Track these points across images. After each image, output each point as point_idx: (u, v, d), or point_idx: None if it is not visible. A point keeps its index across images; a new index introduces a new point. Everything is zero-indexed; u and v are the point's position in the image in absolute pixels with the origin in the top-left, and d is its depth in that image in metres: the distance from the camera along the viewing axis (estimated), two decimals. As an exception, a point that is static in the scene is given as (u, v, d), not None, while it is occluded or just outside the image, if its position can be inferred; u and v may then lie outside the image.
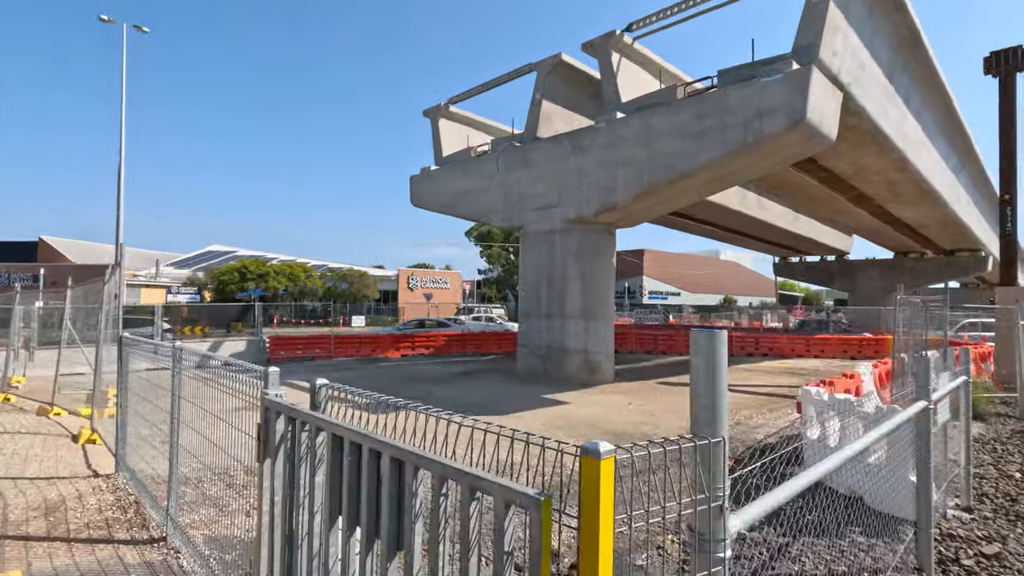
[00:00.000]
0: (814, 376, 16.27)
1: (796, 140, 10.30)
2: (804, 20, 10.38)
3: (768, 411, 10.57)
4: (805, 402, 6.76)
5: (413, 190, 18.58)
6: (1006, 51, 14.10)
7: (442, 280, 59.33)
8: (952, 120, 18.98)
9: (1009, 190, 13.91)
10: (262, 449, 2.73)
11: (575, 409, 10.61)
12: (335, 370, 16.50)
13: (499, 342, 23.23)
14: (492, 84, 17.25)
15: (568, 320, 13.77)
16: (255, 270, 44.81)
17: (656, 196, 12.32)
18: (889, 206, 23.01)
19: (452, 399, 11.47)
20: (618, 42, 13.78)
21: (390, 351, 20.84)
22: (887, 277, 36.85)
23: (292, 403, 2.68)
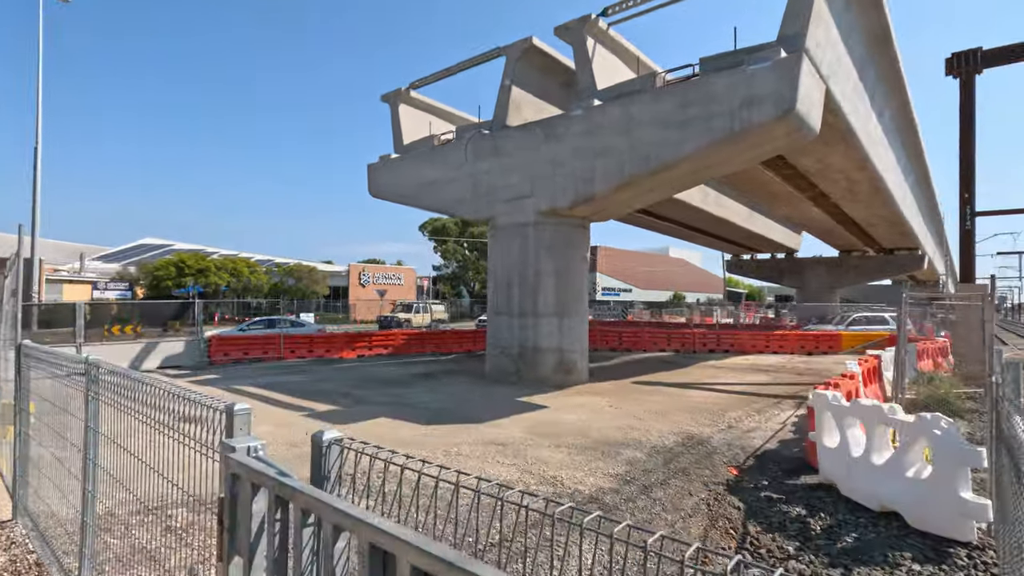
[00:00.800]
0: (783, 373, 16.28)
1: (784, 131, 9.95)
2: (790, 7, 10.04)
3: (755, 412, 10.21)
4: (819, 408, 6.29)
5: (372, 179, 17.39)
6: (966, 53, 14.40)
7: (395, 276, 57.64)
8: (907, 121, 19.48)
9: (969, 189, 14.21)
10: (224, 542, 1.75)
11: (555, 414, 9.91)
12: (287, 373, 15.18)
13: (459, 341, 22.33)
14: (457, 68, 16.30)
15: (541, 318, 13.07)
16: (194, 265, 41.91)
17: (637, 187, 11.77)
18: (844, 204, 23.57)
19: (425, 404, 10.54)
20: (593, 26, 13.15)
21: (345, 351, 19.56)
22: (833, 274, 38.28)
23: (280, 471, 1.64)
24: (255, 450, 1.70)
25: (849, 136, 14.19)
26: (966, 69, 14.32)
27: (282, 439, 7.92)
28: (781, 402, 11.38)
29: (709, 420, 9.41)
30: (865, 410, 5.49)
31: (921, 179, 27.49)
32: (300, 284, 46.82)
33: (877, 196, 21.65)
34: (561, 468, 6.69)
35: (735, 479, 6.52)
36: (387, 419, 9.28)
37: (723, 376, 15.42)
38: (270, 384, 13.18)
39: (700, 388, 13.22)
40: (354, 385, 13.07)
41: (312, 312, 45.61)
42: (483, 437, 8.07)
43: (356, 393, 11.93)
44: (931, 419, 4.65)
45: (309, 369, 16.17)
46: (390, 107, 17.85)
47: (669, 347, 22.97)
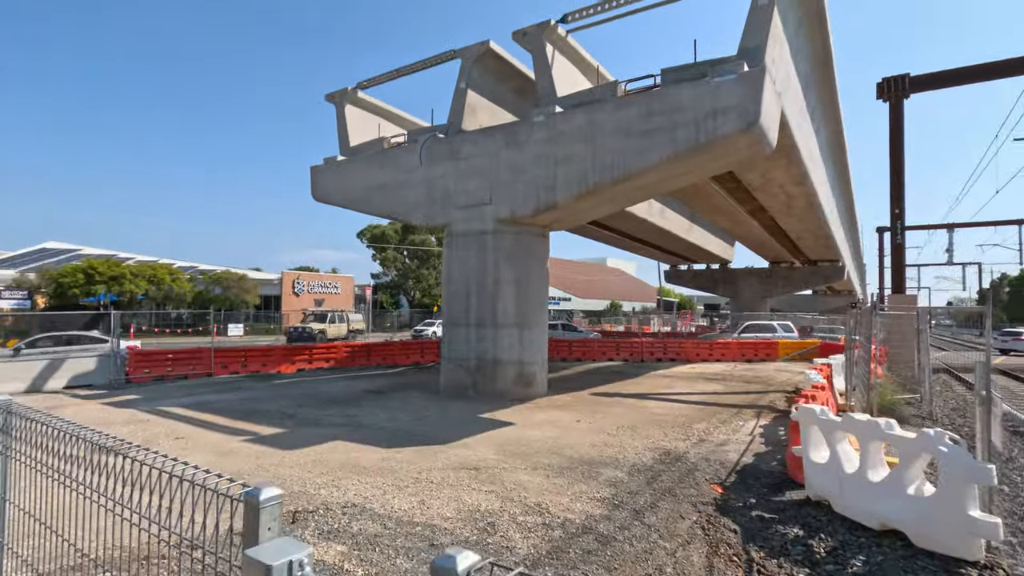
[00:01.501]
0: (732, 381, 16.61)
1: (746, 143, 10.06)
2: (750, 23, 10.21)
3: (720, 423, 10.18)
4: (804, 422, 6.18)
5: (316, 182, 16.35)
6: (895, 78, 15.36)
7: (332, 284, 55.36)
8: (838, 141, 20.65)
9: (899, 205, 15.09)
10: None
11: (522, 431, 9.45)
12: (219, 391, 13.85)
13: (406, 353, 21.46)
14: (408, 70, 15.65)
15: (501, 329, 12.60)
16: (106, 271, 38.33)
17: (600, 196, 11.59)
18: (780, 218, 24.69)
19: (382, 425, 9.76)
20: (552, 33, 12.95)
21: (284, 365, 18.25)
22: (764, 284, 40.21)
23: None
24: (300, 566, 1.08)
25: (793, 152, 14.72)
26: (895, 93, 15.28)
27: (225, 470, 6.96)
28: (741, 412, 11.46)
29: (679, 434, 9.25)
30: (859, 425, 5.40)
31: (844, 195, 29.37)
32: (228, 293, 43.92)
33: (810, 211, 22.81)
34: (543, 493, 6.22)
35: (721, 498, 6.31)
36: (343, 443, 8.47)
37: (676, 386, 15.52)
38: (201, 404, 11.91)
39: (658, 399, 13.17)
40: (298, 404, 12.04)
41: (241, 323, 42.91)
42: (453, 460, 7.48)
43: (302, 413, 10.96)
44: (935, 435, 4.56)
45: (244, 386, 14.87)
46: (335, 107, 16.91)
47: (618, 356, 23.10)
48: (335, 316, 35.00)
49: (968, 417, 11.52)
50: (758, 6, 10.21)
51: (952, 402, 13.56)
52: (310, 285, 52.93)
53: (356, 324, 37.73)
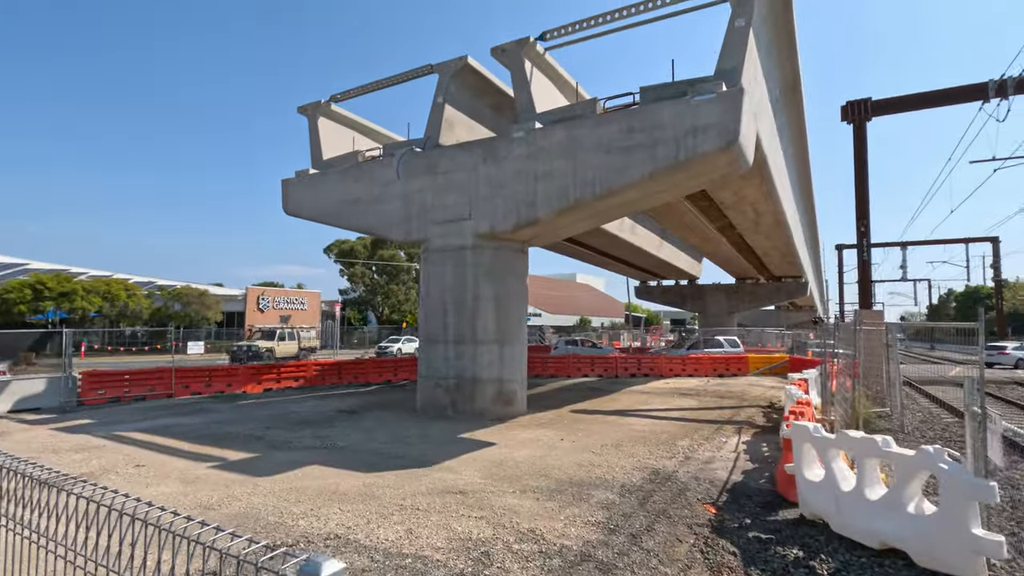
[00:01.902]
0: (707, 396, 16.72)
1: (725, 161, 10.21)
2: (727, 44, 10.42)
3: (703, 440, 10.15)
4: (797, 439, 6.15)
5: (288, 196, 15.88)
6: (858, 102, 15.97)
7: (298, 300, 54.02)
8: (803, 161, 21.35)
9: (864, 222, 15.58)
10: None
11: (506, 451, 9.20)
12: (182, 413, 13.13)
13: (379, 371, 20.91)
14: (385, 83, 15.45)
15: (481, 346, 12.35)
16: (56, 287, 36.43)
17: (581, 212, 11.56)
18: (748, 235, 25.29)
19: (359, 448, 9.35)
20: (531, 50, 12.98)
21: (250, 385, 17.51)
22: (731, 300, 41.08)
23: None
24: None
25: (764, 171, 15.08)
26: (858, 117, 15.88)
27: (193, 501, 6.52)
28: (721, 428, 11.48)
29: (665, 451, 9.16)
30: (854, 442, 5.38)
31: (807, 213, 30.34)
32: (188, 309, 42.29)
33: (777, 228, 23.44)
34: (536, 518, 5.99)
35: (716, 518, 6.19)
36: (319, 467, 8.06)
37: (654, 402, 15.51)
38: (162, 428, 11.24)
39: (638, 415, 13.10)
40: (267, 425, 11.49)
41: (202, 340, 41.29)
42: (438, 485, 7.17)
43: (272, 436, 10.43)
44: (935, 452, 4.56)
45: (208, 408, 14.15)
46: (308, 120, 16.54)
47: (593, 372, 23.07)
48: (285, 333, 32.81)
49: (937, 429, 11.82)
50: (735, 28, 10.45)
51: (919, 415, 13.92)
52: (275, 301, 51.51)
53: (309, 341, 35.40)
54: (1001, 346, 34.35)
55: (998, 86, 14.48)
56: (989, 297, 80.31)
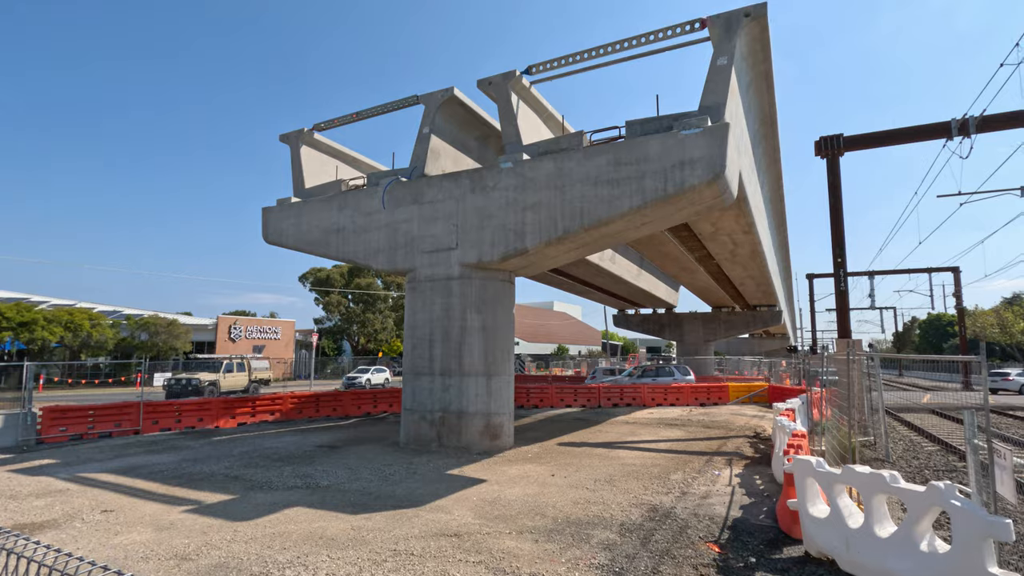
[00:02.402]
0: (693, 427, 16.65)
1: (711, 194, 10.37)
2: (710, 80, 10.72)
3: (696, 473, 10.02)
4: (800, 474, 6.07)
5: (269, 224, 15.57)
6: (830, 137, 16.57)
7: (271, 329, 52.75)
8: (778, 194, 21.96)
9: (840, 254, 15.98)
10: None
11: (497, 488, 8.91)
12: (152, 451, 12.46)
13: (357, 403, 20.35)
14: (370, 113, 15.45)
15: (467, 378, 12.11)
16: (14, 316, 34.86)
17: (570, 242, 11.56)
18: (725, 265, 25.73)
19: (344, 487, 8.94)
20: (517, 83, 13.16)
21: (224, 419, 16.80)
22: (708, 328, 41.56)
23: None
24: None
25: (743, 204, 15.42)
26: (831, 151, 16.45)
27: (167, 550, 6.07)
28: (711, 460, 11.38)
29: (660, 486, 8.99)
30: (860, 477, 5.32)
31: (781, 243, 31.12)
32: (156, 339, 40.84)
33: (754, 258, 23.92)
34: (537, 562, 5.74)
35: (720, 557, 6.03)
36: (303, 509, 7.65)
37: (641, 433, 15.37)
38: (131, 468, 10.62)
39: (627, 448, 12.93)
40: (244, 464, 10.96)
41: (170, 372, 39.81)
42: (431, 527, 6.86)
43: (251, 475, 9.94)
44: (945, 488, 4.52)
45: (180, 445, 13.48)
46: (290, 148, 16.39)
47: (576, 403, 22.86)
48: (232, 364, 29.03)
49: (921, 458, 11.94)
50: (717, 66, 10.77)
51: (901, 443, 14.06)
52: (248, 330, 50.20)
53: (261, 373, 31.93)
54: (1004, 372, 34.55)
55: (960, 125, 15.20)
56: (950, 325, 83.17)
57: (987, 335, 64.73)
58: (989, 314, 69.42)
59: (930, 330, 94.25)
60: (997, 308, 70.57)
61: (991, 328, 64.94)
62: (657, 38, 11.75)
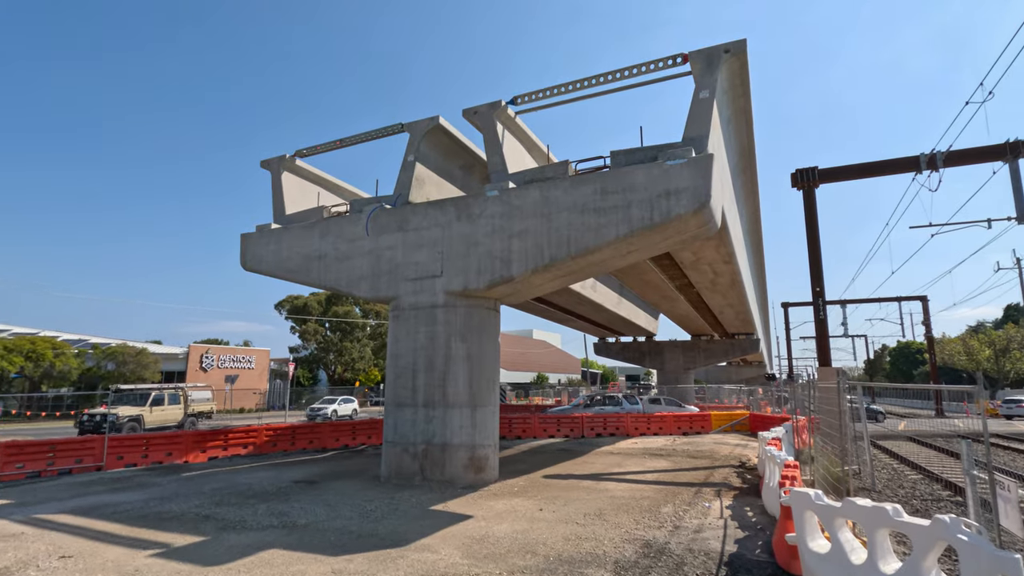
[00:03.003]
0: (678, 456, 16.49)
1: (696, 223, 10.47)
2: (693, 113, 10.93)
3: (686, 505, 9.82)
4: (798, 507, 5.95)
5: (248, 251, 15.22)
6: (806, 170, 17.03)
7: (245, 359, 51.37)
8: (756, 225, 22.41)
9: (819, 283, 16.25)
10: None
11: (484, 525, 8.58)
12: (116, 489, 11.78)
13: (336, 435, 19.73)
14: (355, 140, 15.39)
15: (452, 409, 11.81)
16: (-29, 346, 33.28)
17: (557, 270, 11.51)
18: (705, 293, 26.02)
19: (323, 525, 8.50)
20: (503, 113, 13.28)
21: (193, 453, 16.06)
22: (687, 356, 41.78)
23: None
24: None
25: (724, 234, 15.64)
26: (807, 183, 16.88)
27: (133, 601, 5.62)
28: (701, 491, 11.20)
29: (651, 520, 8.77)
30: (862, 511, 5.21)
31: (758, 273, 31.67)
32: (123, 369, 39.35)
33: (733, 287, 24.24)
34: (531, 605, 5.46)
35: (720, 596, 5.84)
36: (280, 552, 7.22)
37: (627, 464, 15.14)
38: (93, 508, 9.98)
39: (614, 479, 12.68)
40: (216, 502, 10.40)
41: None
42: (417, 568, 6.52)
43: (223, 514, 9.41)
44: (951, 522, 4.43)
45: (146, 481, 12.79)
46: (271, 174, 16.19)
47: (559, 433, 22.54)
48: (163, 395, 25.23)
49: (907, 487, 11.95)
50: (700, 99, 11.01)
51: (884, 471, 14.10)
52: (220, 359, 48.80)
53: (201, 405, 28.20)
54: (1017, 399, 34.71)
55: (929, 159, 15.78)
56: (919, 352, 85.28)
57: (955, 362, 66.52)
58: (956, 342, 71.45)
59: (900, 357, 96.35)
60: (963, 336, 72.72)
61: (958, 355, 66.78)
62: (640, 71, 12.01)
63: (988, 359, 62.18)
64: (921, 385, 6.52)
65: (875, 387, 47.18)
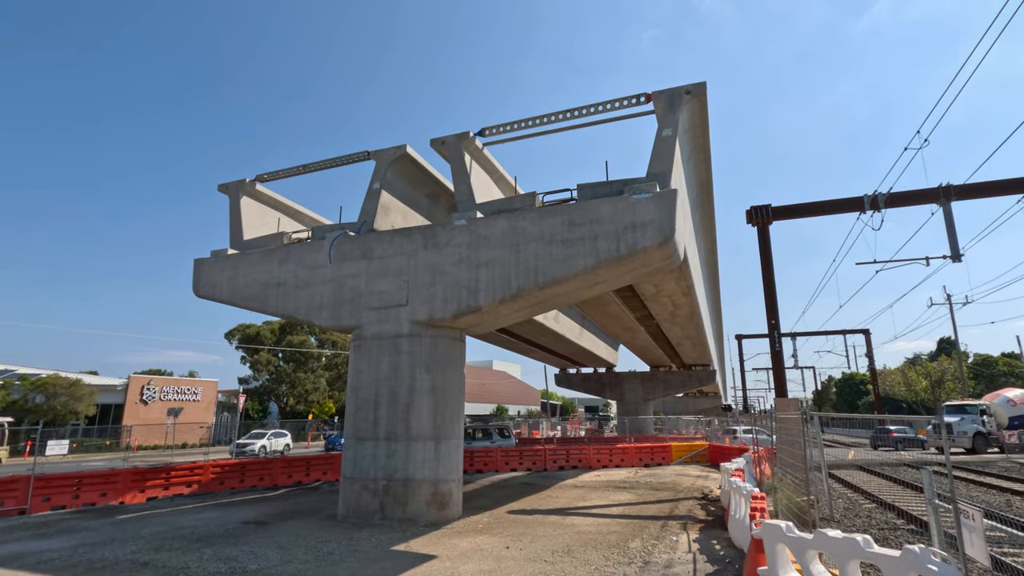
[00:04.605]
0: (641, 489, 16.42)
1: (661, 256, 10.68)
2: (657, 150, 11.29)
3: (654, 539, 9.71)
4: (769, 540, 5.95)
5: (201, 277, 14.58)
6: (760, 207, 17.80)
7: (190, 390, 48.79)
8: (712, 258, 23.14)
9: (774, 316, 16.81)
10: None
11: (451, 565, 8.22)
12: (41, 535, 10.75)
13: (288, 471, 18.77)
14: (318, 166, 15.16)
15: (415, 443, 11.42)
16: None
17: (524, 301, 11.47)
18: (664, 325, 26.50)
19: (275, 570, 7.92)
20: (471, 144, 13.39)
21: (132, 493, 14.93)
22: (646, 387, 42.23)
23: None
24: None
25: (685, 267, 16.06)
26: (761, 220, 17.63)
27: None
28: (667, 524, 11.13)
29: (620, 556, 8.61)
30: (834, 543, 5.25)
31: (714, 305, 32.59)
32: (54, 402, 36.65)
33: (692, 319, 24.79)
34: (504, 652, 5.19)
35: (695, 635, 5.71)
36: (229, 601, 6.68)
37: (591, 497, 14.96)
38: (13, 557, 9.05)
39: (580, 514, 12.48)
40: (155, 547, 9.62)
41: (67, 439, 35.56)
42: (380, 615, 6.13)
43: (163, 560, 8.69)
44: (921, 552, 4.50)
45: (76, 526, 11.75)
46: (229, 198, 15.70)
47: (521, 467, 22.16)
48: None
49: (863, 516, 12.21)
50: (663, 137, 11.40)
51: (840, 501, 14.40)
52: (163, 391, 46.18)
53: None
54: None
55: (872, 200, 16.77)
56: (863, 383, 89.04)
57: (895, 393, 69.69)
58: (896, 373, 75.04)
59: (845, 388, 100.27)
60: (902, 368, 76.49)
61: (898, 386, 70.06)
62: (605, 108, 12.38)
63: (925, 389, 65.47)
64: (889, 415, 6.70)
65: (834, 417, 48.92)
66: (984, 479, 17.89)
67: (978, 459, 25.40)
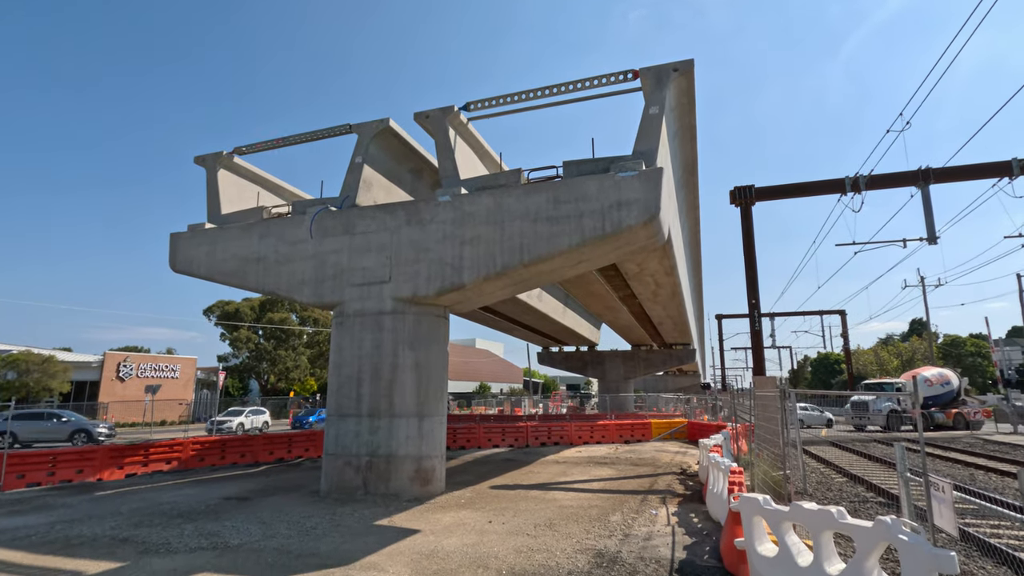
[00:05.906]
0: (622, 464, 16.72)
1: (646, 234, 10.69)
2: (643, 127, 11.21)
3: (634, 513, 9.91)
4: (747, 512, 6.09)
5: (178, 252, 14.23)
6: (743, 188, 17.88)
7: (169, 368, 48.13)
8: (695, 239, 23.28)
9: (754, 296, 17.03)
10: None
11: (433, 539, 8.30)
12: (17, 512, 10.60)
13: (270, 447, 18.71)
14: (299, 139, 14.79)
15: (398, 419, 11.43)
16: None
17: (508, 278, 11.43)
18: (647, 304, 26.73)
19: (258, 544, 7.93)
20: (455, 118, 13.15)
21: (110, 470, 14.76)
22: (628, 366, 42.76)
23: None
24: None
25: (668, 246, 16.13)
26: (744, 200, 17.73)
27: (37, 639, 5.00)
28: (647, 499, 11.36)
29: (601, 529, 8.77)
30: (809, 514, 5.38)
31: (696, 285, 32.92)
32: (27, 379, 35.90)
33: (674, 298, 25.02)
34: (486, 622, 5.27)
35: (673, 604, 5.86)
36: (210, 575, 6.67)
37: (572, 473, 15.19)
38: (-11, 534, 8.91)
39: (562, 489, 12.67)
40: (135, 523, 9.54)
41: (41, 415, 34.91)
42: (364, 588, 6.18)
43: (142, 536, 8.63)
44: (892, 523, 4.63)
45: (53, 502, 11.60)
46: (206, 171, 15.28)
47: (504, 443, 22.39)
48: None
49: (835, 490, 12.61)
50: (649, 115, 11.31)
51: (813, 476, 14.84)
52: (140, 368, 45.49)
53: None
54: None
55: (853, 182, 16.94)
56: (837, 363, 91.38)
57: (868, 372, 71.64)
58: (868, 353, 77.04)
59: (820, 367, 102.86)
60: (875, 348, 78.55)
61: (871, 365, 72.02)
62: (592, 84, 12.21)
63: (896, 369, 67.40)
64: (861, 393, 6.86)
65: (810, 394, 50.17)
66: (951, 454, 18.58)
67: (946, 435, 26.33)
